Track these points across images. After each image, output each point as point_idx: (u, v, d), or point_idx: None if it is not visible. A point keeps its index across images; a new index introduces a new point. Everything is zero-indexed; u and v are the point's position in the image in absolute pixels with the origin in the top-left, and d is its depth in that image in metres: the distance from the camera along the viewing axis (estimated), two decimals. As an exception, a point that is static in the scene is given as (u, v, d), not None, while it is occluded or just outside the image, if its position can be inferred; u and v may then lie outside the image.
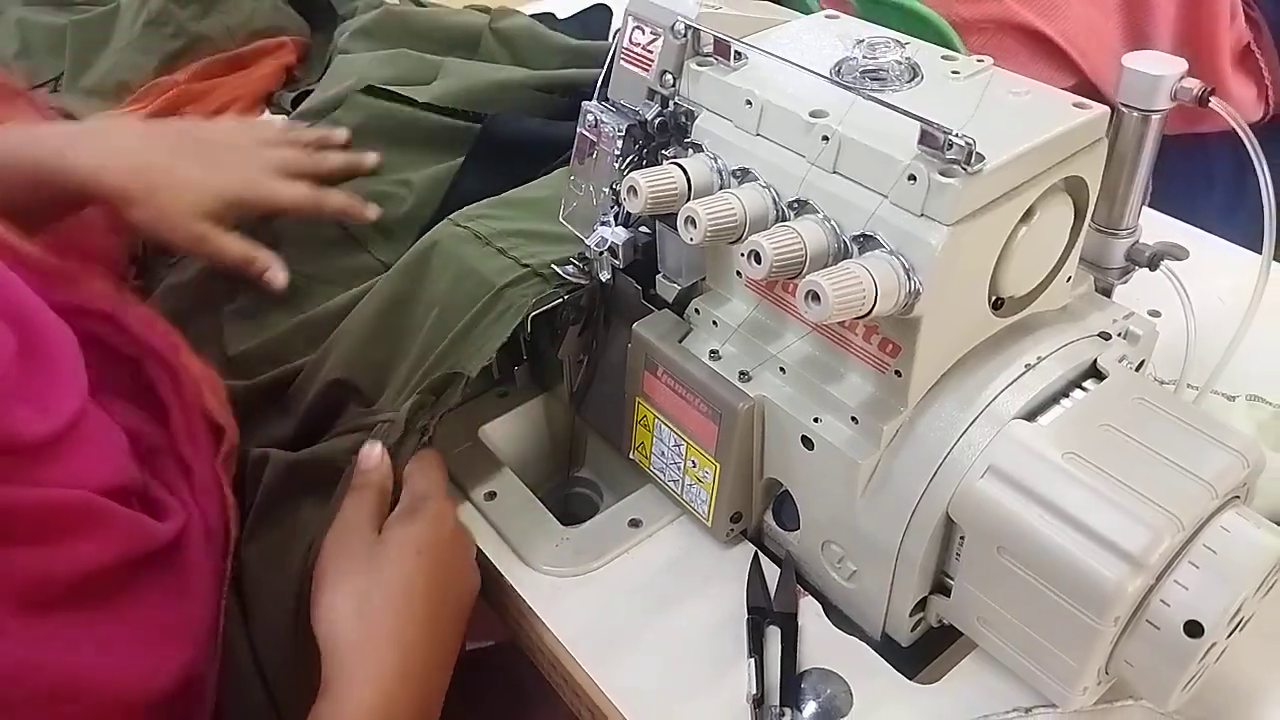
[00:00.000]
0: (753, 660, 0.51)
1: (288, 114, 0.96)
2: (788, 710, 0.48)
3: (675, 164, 0.51)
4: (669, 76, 0.53)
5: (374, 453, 0.57)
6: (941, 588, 0.51)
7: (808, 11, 0.60)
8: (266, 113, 1.03)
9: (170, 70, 1.04)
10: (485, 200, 0.69)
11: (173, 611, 0.49)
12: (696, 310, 0.57)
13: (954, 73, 0.50)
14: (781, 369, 0.53)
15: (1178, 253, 0.59)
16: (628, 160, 0.55)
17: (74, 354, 0.50)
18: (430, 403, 0.59)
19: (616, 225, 0.58)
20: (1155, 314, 0.61)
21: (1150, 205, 0.56)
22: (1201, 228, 0.81)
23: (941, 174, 0.42)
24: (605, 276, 0.60)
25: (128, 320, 0.55)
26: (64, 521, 0.43)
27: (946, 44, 0.85)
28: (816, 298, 0.42)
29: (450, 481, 0.64)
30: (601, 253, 0.58)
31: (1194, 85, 0.50)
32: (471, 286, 0.61)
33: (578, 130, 0.57)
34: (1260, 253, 0.53)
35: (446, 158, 0.78)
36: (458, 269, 0.63)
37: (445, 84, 0.84)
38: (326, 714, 0.47)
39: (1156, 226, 0.79)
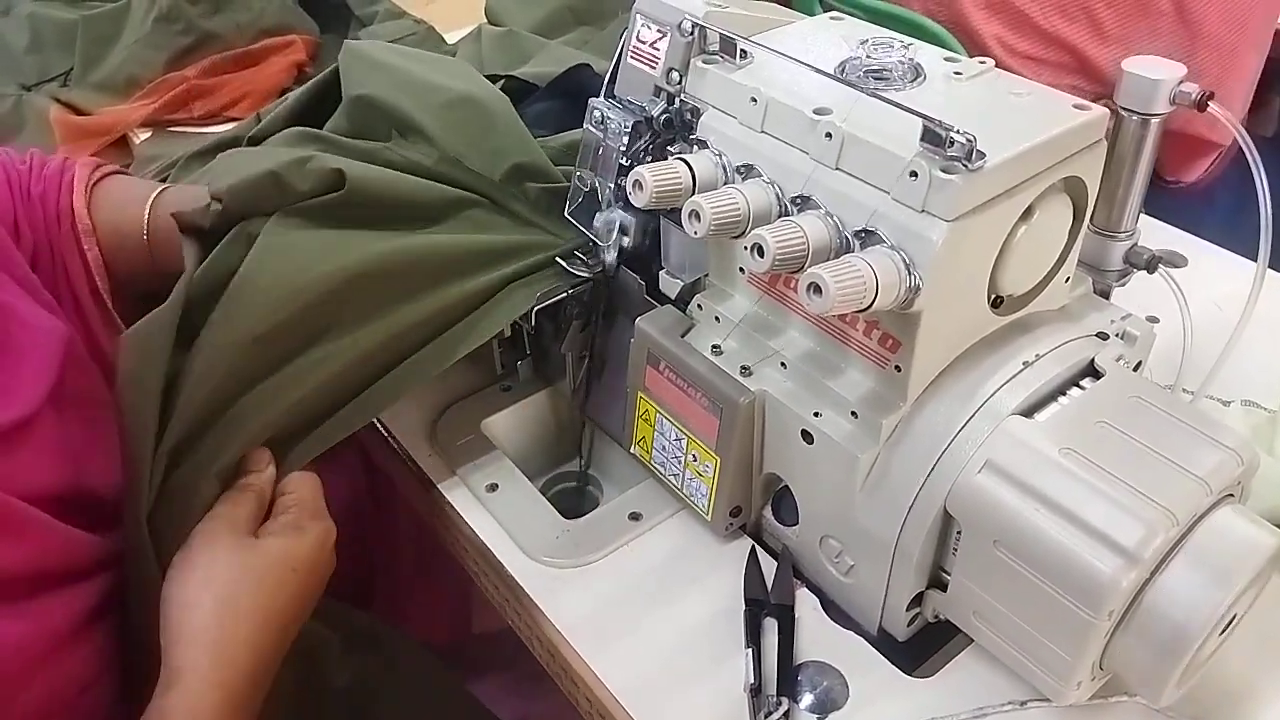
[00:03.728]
0: (750, 650, 0.51)
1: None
2: (784, 700, 0.49)
3: (680, 159, 0.51)
4: (675, 74, 0.54)
5: (264, 456, 0.55)
6: (938, 583, 0.51)
7: (812, 14, 0.61)
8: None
9: (179, 66, 1.06)
10: None
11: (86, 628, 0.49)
12: (699, 306, 0.57)
13: (956, 73, 0.51)
14: (782, 364, 0.53)
15: (1178, 260, 0.59)
16: (634, 156, 0.56)
17: (45, 356, 0.50)
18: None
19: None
20: (1153, 319, 0.62)
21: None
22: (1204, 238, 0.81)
23: (943, 170, 0.43)
24: (611, 259, 0.60)
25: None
26: None
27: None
28: (818, 290, 0.42)
29: (453, 474, 0.64)
30: (608, 243, 0.59)
31: (1192, 90, 0.51)
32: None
33: (585, 126, 0.58)
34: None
35: None
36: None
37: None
38: (175, 708, 0.46)
39: (1156, 234, 0.80)
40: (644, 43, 0.56)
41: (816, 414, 0.51)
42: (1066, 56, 0.95)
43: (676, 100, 0.55)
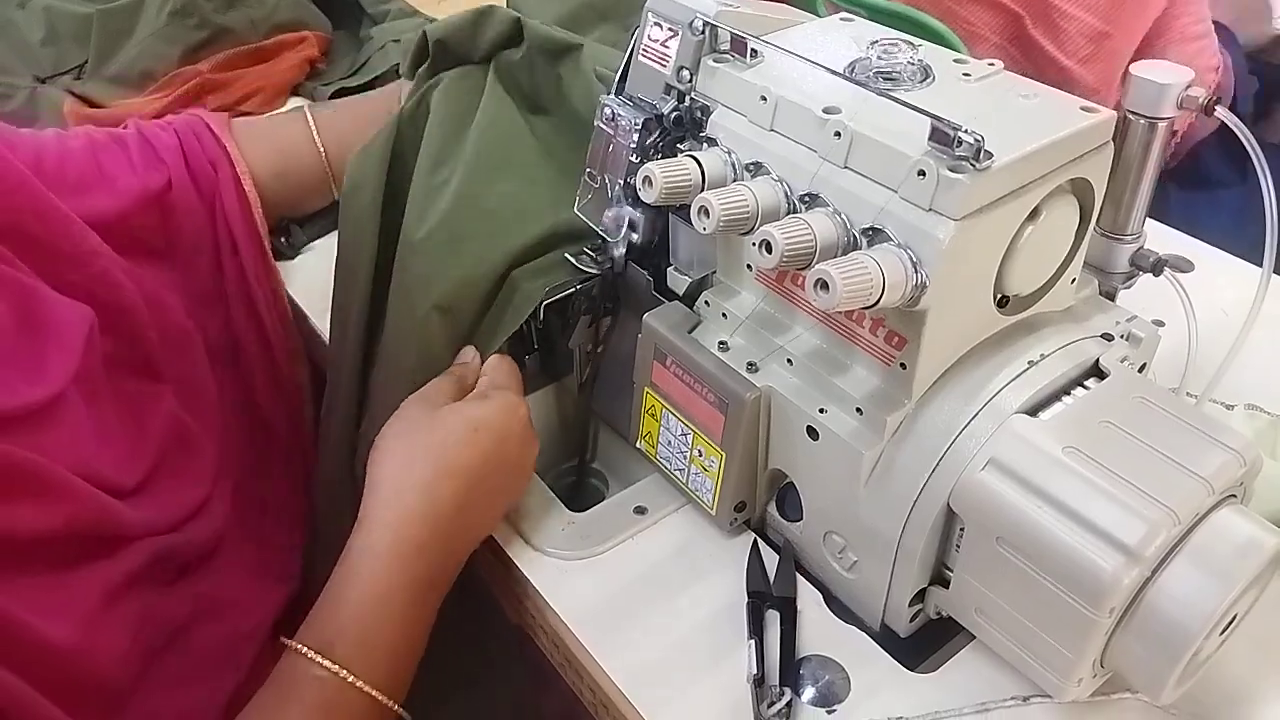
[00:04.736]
0: (753, 641, 0.52)
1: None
2: (787, 690, 0.49)
3: (690, 156, 0.52)
4: (686, 72, 0.55)
5: (469, 351, 0.64)
6: (941, 579, 0.52)
7: (816, 12, 0.61)
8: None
9: (193, 60, 1.06)
10: None
11: (125, 601, 0.50)
12: (706, 302, 0.58)
13: (965, 75, 0.51)
14: (789, 361, 0.54)
15: (1183, 264, 0.60)
16: (644, 153, 0.56)
17: (71, 335, 0.52)
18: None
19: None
20: (1159, 324, 0.62)
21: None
22: (1207, 240, 0.82)
23: (950, 170, 0.43)
24: (619, 255, 0.61)
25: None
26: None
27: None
28: (825, 286, 0.43)
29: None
30: (616, 239, 0.59)
31: (1199, 94, 0.51)
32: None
33: (595, 124, 0.59)
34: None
35: None
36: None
37: None
38: (357, 547, 0.53)
39: (1164, 239, 0.80)
40: (655, 41, 0.56)
41: (822, 410, 0.52)
42: None
43: (687, 98, 0.55)
